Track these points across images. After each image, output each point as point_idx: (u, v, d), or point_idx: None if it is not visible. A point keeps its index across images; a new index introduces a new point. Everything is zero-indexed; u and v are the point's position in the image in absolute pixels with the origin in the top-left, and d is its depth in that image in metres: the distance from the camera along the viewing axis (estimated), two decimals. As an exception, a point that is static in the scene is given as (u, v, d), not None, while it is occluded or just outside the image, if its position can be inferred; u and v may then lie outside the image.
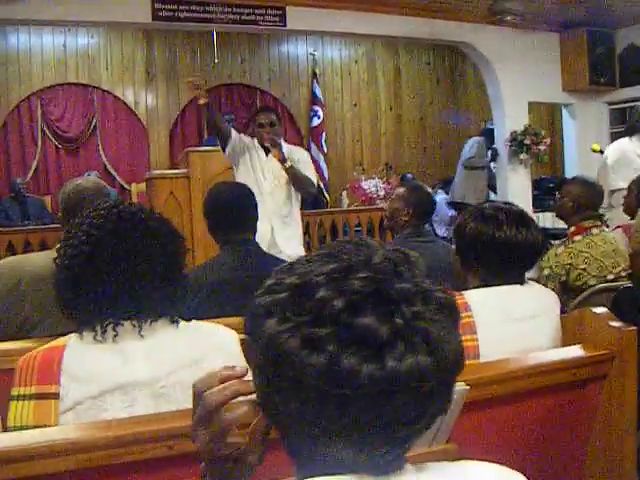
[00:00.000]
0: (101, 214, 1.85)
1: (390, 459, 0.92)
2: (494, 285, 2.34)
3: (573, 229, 4.14)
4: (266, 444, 1.06)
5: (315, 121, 11.57)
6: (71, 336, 1.78)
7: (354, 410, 0.86)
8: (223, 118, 5.22)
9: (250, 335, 0.97)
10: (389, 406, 0.87)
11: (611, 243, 4.06)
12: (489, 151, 9.91)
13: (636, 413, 2.11)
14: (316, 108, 11.57)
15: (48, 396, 1.68)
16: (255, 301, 0.96)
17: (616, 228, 4.56)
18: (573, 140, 10.41)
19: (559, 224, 4.89)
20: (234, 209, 3.28)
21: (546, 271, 3.99)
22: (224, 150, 5.19)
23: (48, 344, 1.79)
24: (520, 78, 9.41)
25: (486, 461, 1.02)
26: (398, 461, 0.94)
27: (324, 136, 11.63)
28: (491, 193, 10.20)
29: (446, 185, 10.69)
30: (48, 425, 1.65)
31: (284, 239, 5.02)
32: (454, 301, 0.97)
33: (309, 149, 11.36)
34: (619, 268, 3.98)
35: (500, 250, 2.34)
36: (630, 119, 6.69)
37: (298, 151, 5.46)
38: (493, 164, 10.13)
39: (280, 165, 5.09)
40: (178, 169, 7.73)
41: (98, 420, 1.65)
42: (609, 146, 6.64)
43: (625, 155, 6.01)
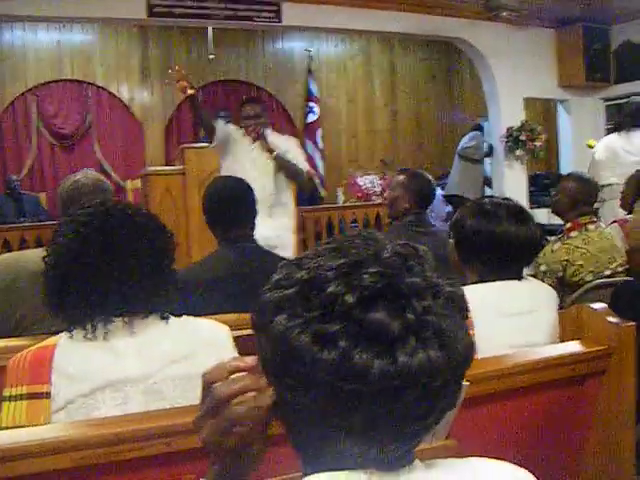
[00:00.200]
0: (88, 212, 1.85)
1: (399, 455, 0.92)
2: (492, 280, 2.34)
3: (569, 225, 4.14)
4: (266, 435, 1.04)
5: (311, 117, 11.55)
6: (61, 335, 1.78)
7: (365, 405, 0.86)
8: (207, 111, 5.22)
9: (258, 332, 0.96)
10: (400, 401, 0.86)
11: (607, 239, 4.06)
12: (485, 144, 9.93)
13: (634, 408, 2.11)
14: (312, 104, 11.56)
15: (40, 396, 1.67)
16: (262, 297, 0.95)
17: (612, 223, 4.56)
18: (569, 136, 10.42)
19: (555, 220, 4.89)
20: (233, 205, 3.26)
21: (543, 267, 3.99)
22: (211, 142, 5.19)
23: (38, 344, 1.79)
24: (516, 74, 9.40)
25: (486, 457, 1.02)
26: (407, 457, 0.94)
27: (320, 132, 11.61)
28: (487, 188, 10.22)
29: (442, 181, 10.69)
30: (41, 425, 1.64)
31: (270, 229, 4.83)
32: (462, 295, 0.96)
33: (304, 145, 11.36)
34: (616, 264, 3.98)
35: (499, 245, 2.34)
36: (619, 115, 6.71)
37: (286, 140, 5.45)
38: (489, 159, 10.14)
39: (266, 155, 5.08)
40: (173, 166, 7.71)
41: (93, 418, 1.65)
42: (599, 142, 6.67)
43: (614, 151, 6.05)
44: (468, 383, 1.06)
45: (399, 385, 0.85)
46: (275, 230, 4.97)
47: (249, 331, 1.94)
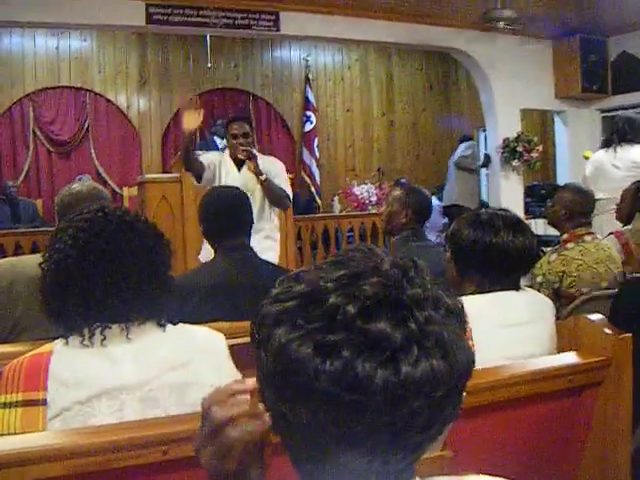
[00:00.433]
0: (87, 217, 1.84)
1: (402, 468, 0.91)
2: (490, 291, 2.34)
3: (566, 236, 4.14)
4: (264, 460, 1.04)
5: (308, 126, 11.56)
6: (57, 342, 1.77)
7: (368, 416, 0.85)
8: (195, 155, 5.20)
9: (258, 345, 0.95)
10: (403, 411, 0.86)
11: (604, 250, 4.06)
12: (481, 154, 9.96)
13: (631, 419, 2.11)
14: (309, 113, 11.57)
15: (35, 403, 1.66)
16: (262, 310, 0.95)
17: (609, 235, 4.57)
18: (565, 147, 10.45)
19: (551, 231, 4.89)
20: (229, 213, 3.26)
21: (539, 278, 3.99)
22: (198, 181, 5.14)
23: (34, 350, 1.78)
24: (513, 85, 9.44)
25: (484, 468, 1.01)
26: (408, 471, 0.94)
27: (316, 141, 11.63)
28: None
29: (439, 191, 10.72)
30: (36, 432, 1.62)
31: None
32: (462, 307, 0.97)
33: (301, 154, 11.37)
34: (612, 275, 3.99)
35: (497, 256, 2.33)
36: (608, 131, 6.76)
37: (272, 163, 5.41)
38: (485, 170, 10.17)
39: (253, 178, 5.05)
40: (170, 173, 7.71)
41: (89, 425, 1.64)
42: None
43: (602, 167, 6.08)
44: (465, 394, 1.06)
45: (402, 395, 0.85)
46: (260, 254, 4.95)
47: (243, 339, 1.93)
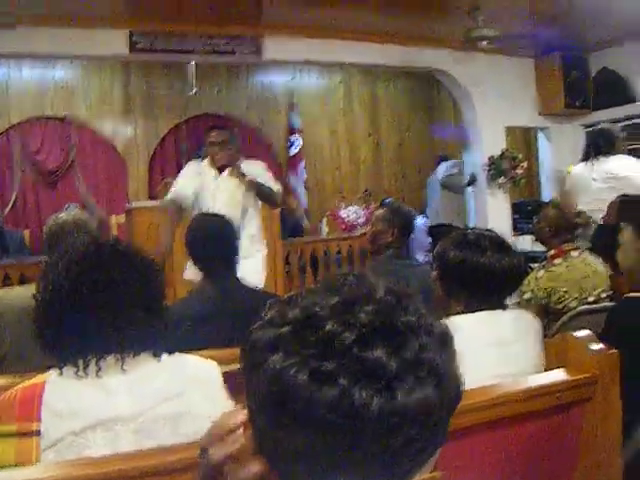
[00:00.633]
0: (79, 249, 1.85)
1: None
2: (477, 310, 2.35)
3: (553, 252, 4.17)
4: None
5: (293, 150, 11.56)
6: (50, 372, 1.77)
7: (363, 443, 0.86)
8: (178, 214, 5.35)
9: (250, 370, 0.94)
10: (398, 439, 0.87)
11: (591, 265, 4.08)
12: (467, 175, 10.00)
13: (621, 435, 2.12)
14: (294, 137, 11.58)
15: (30, 434, 1.65)
16: (253, 335, 0.95)
17: (596, 250, 4.59)
18: (549, 163, 10.49)
19: (538, 247, 4.92)
20: (213, 242, 3.28)
21: (527, 295, 4.01)
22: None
23: (27, 381, 1.77)
24: (496, 103, 9.48)
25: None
26: None
27: (303, 164, 11.63)
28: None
29: (425, 210, 10.73)
30: (30, 464, 1.62)
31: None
32: (451, 334, 0.98)
33: (287, 178, 11.38)
34: (599, 290, 4.01)
35: (484, 276, 2.35)
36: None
37: (252, 164, 5.43)
38: (471, 188, 10.20)
39: (235, 181, 5.08)
40: (157, 200, 7.71)
41: (83, 457, 1.64)
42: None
43: (580, 181, 6.10)
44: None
45: (397, 422, 0.85)
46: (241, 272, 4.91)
47: (233, 366, 1.93)
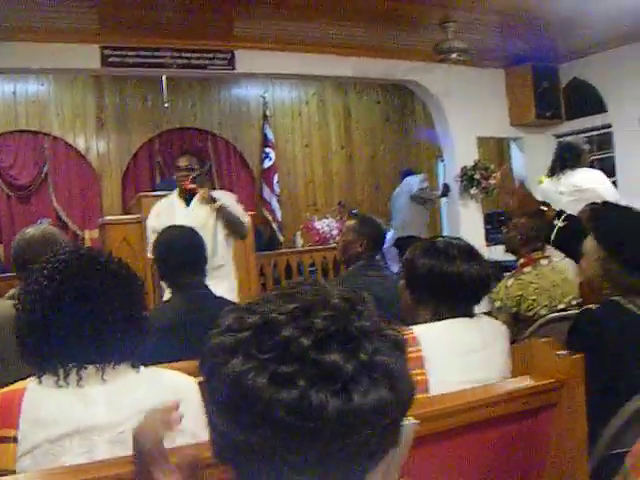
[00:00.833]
0: (62, 258, 1.86)
1: None
2: (444, 318, 2.37)
3: (522, 261, 4.20)
4: None
5: (267, 163, 11.59)
6: (30, 379, 1.77)
7: (321, 443, 0.89)
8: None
9: (209, 375, 0.97)
10: (353, 439, 0.90)
11: (560, 273, 4.12)
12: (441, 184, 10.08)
13: (587, 438, 2.14)
14: (268, 150, 11.61)
15: (7, 440, 1.65)
16: (212, 340, 0.98)
17: (566, 257, 4.63)
18: (522, 173, 10.56)
19: (510, 256, 4.96)
20: (184, 253, 3.28)
21: (497, 303, 4.04)
22: None
23: (6, 387, 1.78)
24: (468, 114, 9.56)
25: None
26: None
27: (276, 177, 11.67)
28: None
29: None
30: (6, 470, 1.62)
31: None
32: (404, 339, 1.01)
33: (261, 191, 11.39)
34: (569, 297, 4.04)
35: (451, 284, 2.36)
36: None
37: (223, 195, 5.49)
38: (445, 199, 10.26)
39: (205, 211, 5.09)
40: (131, 214, 7.70)
41: (58, 465, 1.64)
42: None
43: (549, 195, 6.14)
44: (418, 422, 1.08)
45: (353, 423, 0.88)
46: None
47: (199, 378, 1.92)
